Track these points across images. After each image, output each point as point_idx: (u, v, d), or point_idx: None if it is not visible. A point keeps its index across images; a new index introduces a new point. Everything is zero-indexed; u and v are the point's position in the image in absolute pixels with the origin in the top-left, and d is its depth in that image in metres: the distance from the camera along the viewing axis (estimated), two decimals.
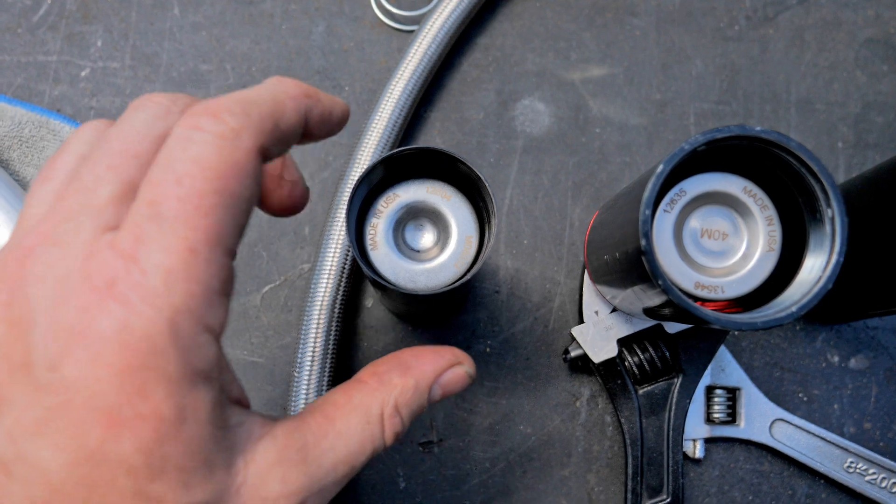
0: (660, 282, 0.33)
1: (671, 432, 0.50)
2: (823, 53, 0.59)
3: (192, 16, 0.58)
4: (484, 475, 0.52)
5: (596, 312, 0.51)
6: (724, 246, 0.37)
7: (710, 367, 0.52)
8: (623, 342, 0.50)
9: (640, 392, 0.51)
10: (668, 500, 0.49)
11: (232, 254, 0.26)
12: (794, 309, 0.33)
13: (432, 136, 0.57)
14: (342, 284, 0.51)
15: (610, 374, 0.50)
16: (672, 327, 0.50)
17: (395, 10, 0.58)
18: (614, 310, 0.50)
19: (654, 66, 0.58)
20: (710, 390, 0.52)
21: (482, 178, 0.38)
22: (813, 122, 0.58)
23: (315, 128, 0.30)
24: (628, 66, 0.58)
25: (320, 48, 0.58)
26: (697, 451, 0.52)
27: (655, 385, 0.51)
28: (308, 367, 0.50)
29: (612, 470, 0.53)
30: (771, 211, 0.36)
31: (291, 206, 0.33)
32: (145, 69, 0.57)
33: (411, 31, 0.58)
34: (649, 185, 0.33)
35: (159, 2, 0.58)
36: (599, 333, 0.50)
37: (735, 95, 0.58)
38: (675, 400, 0.50)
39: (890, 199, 0.43)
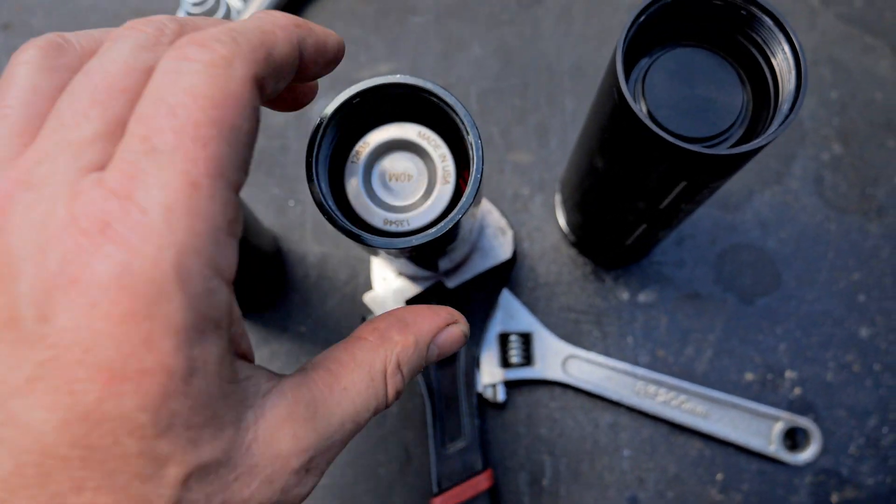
0: (327, 218, 0.37)
1: (463, 378, 0.54)
2: (590, 23, 0.65)
3: None
4: None
5: (384, 279, 0.55)
6: (410, 185, 0.41)
7: (499, 316, 0.56)
8: (411, 302, 0.55)
9: None
10: (465, 443, 0.53)
11: (236, 188, 0.24)
12: (442, 224, 0.37)
13: None
14: None
15: None
16: (451, 282, 0.54)
17: None
18: (400, 274, 0.55)
19: (435, 55, 0.64)
20: (503, 337, 0.56)
21: None
22: (585, 85, 0.63)
23: (310, 60, 0.28)
24: (413, 59, 0.64)
25: None
26: (498, 394, 0.55)
27: None
28: None
29: (426, 426, 0.56)
30: (444, 149, 0.41)
31: (298, 106, 0.34)
32: None
33: None
34: (310, 137, 0.38)
35: None
36: (389, 297, 0.55)
37: (513, 72, 0.64)
38: (462, 350, 0.54)
39: (604, 136, 0.48)
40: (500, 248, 0.55)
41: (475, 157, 0.38)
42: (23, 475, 0.21)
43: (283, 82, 0.27)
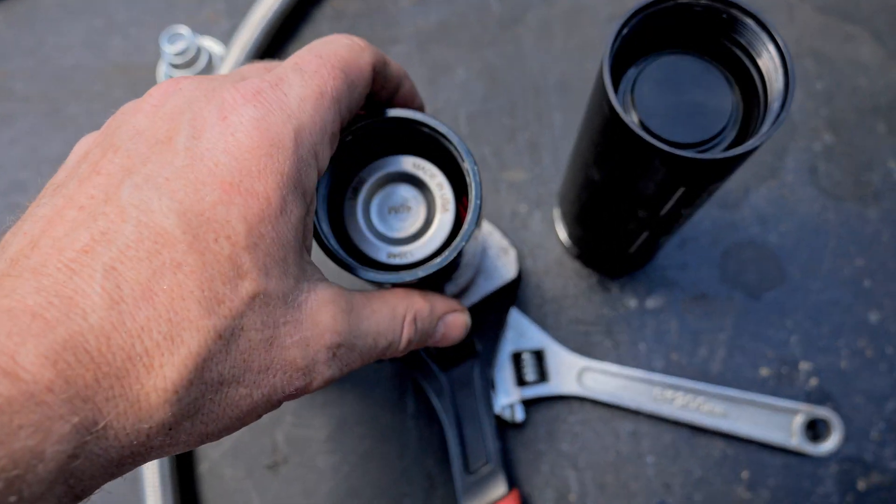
0: (333, 259, 0.38)
1: (479, 402, 0.54)
2: (571, 38, 0.65)
3: (8, 132, 0.65)
4: (331, 482, 0.56)
5: None
6: (410, 217, 0.42)
7: (510, 336, 0.56)
8: None
9: (447, 373, 0.55)
10: (491, 465, 0.53)
11: (343, 118, 0.33)
12: (447, 254, 0.37)
13: None
14: None
15: (416, 364, 0.55)
16: None
17: None
18: None
19: (421, 82, 0.64)
20: (516, 356, 0.56)
21: None
22: (572, 98, 0.63)
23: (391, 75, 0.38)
24: None
25: None
26: (517, 414, 0.55)
27: (461, 364, 0.55)
28: None
29: (446, 451, 0.56)
30: (440, 178, 0.41)
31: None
32: None
33: None
34: None
35: None
36: None
37: (499, 92, 0.64)
38: (477, 372, 0.54)
39: (597, 147, 0.48)
40: (504, 268, 0.55)
41: (473, 184, 0.38)
42: (139, 248, 0.26)
43: (379, 82, 0.36)
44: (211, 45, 0.65)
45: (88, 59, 0.67)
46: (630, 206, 0.45)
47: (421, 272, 0.37)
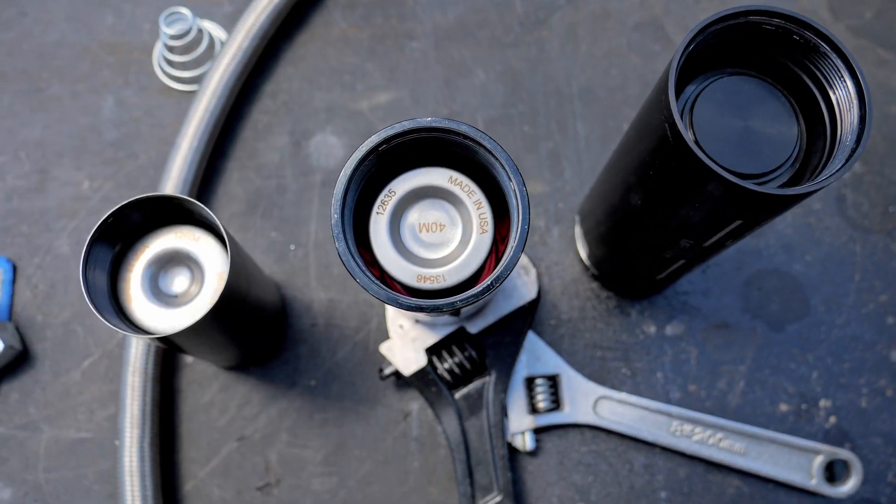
0: (357, 280, 0.34)
1: (491, 429, 0.51)
2: (597, 44, 0.62)
3: None
4: None
5: (401, 326, 0.51)
6: (443, 236, 0.38)
7: (524, 360, 0.53)
8: (431, 350, 0.51)
9: (457, 396, 0.51)
10: (500, 497, 0.50)
11: None
12: (488, 282, 0.34)
13: (231, 186, 0.58)
14: (152, 347, 0.52)
15: (425, 384, 0.51)
16: (473, 327, 0.51)
17: (179, 73, 0.59)
18: (418, 321, 0.51)
19: (437, 82, 0.61)
20: (529, 381, 0.53)
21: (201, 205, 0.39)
22: (597, 108, 0.60)
23: None
24: (413, 87, 0.60)
25: (111, 121, 0.59)
26: (528, 443, 0.52)
27: (471, 386, 0.51)
28: (128, 433, 0.50)
29: (451, 478, 0.53)
30: (478, 195, 0.37)
31: None
32: None
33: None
34: (335, 190, 0.34)
35: None
36: (406, 346, 0.51)
37: (520, 97, 0.60)
38: (490, 397, 0.51)
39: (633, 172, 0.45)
40: (525, 287, 0.52)
41: (521, 207, 0.34)
42: None
43: None
44: (213, 28, 0.60)
45: (74, 35, 0.62)
46: (673, 235, 0.42)
47: (459, 302, 0.34)
